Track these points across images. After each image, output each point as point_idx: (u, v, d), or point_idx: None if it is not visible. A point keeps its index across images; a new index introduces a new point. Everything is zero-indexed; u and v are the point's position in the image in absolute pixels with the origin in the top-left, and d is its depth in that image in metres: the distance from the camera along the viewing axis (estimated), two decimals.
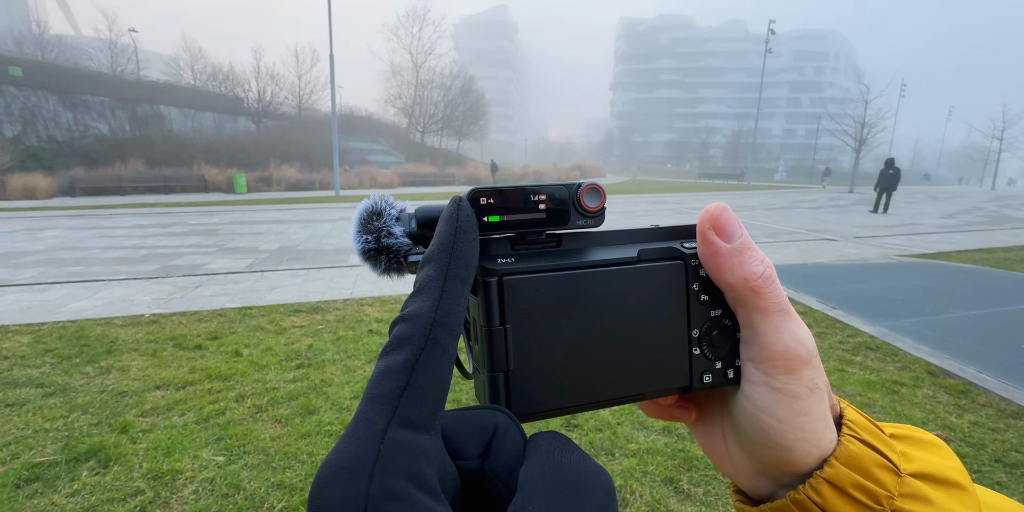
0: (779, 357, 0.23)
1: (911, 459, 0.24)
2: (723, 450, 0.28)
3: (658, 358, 0.25)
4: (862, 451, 0.23)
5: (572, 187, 0.25)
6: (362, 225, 0.27)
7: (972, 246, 8.11)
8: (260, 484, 1.96)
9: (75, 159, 21.35)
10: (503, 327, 0.22)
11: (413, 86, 44.25)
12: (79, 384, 2.80)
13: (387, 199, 0.27)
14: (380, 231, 0.26)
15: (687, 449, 2.21)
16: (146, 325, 3.79)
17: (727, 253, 0.24)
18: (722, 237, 0.24)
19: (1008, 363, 3.19)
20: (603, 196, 0.25)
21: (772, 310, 0.24)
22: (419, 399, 0.16)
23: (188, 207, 14.25)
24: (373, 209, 0.27)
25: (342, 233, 8.95)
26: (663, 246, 0.25)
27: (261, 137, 29.04)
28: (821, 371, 0.24)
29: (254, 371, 2.98)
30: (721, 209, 0.24)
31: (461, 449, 0.19)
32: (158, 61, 36.69)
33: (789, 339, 0.23)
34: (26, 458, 2.09)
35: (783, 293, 0.24)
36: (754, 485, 0.26)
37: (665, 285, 0.24)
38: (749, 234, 0.24)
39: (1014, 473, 2.08)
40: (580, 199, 0.24)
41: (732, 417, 0.26)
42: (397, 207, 0.27)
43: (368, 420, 0.16)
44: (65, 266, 5.99)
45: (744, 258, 0.23)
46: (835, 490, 0.22)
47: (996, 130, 47.80)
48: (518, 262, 0.23)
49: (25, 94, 21.76)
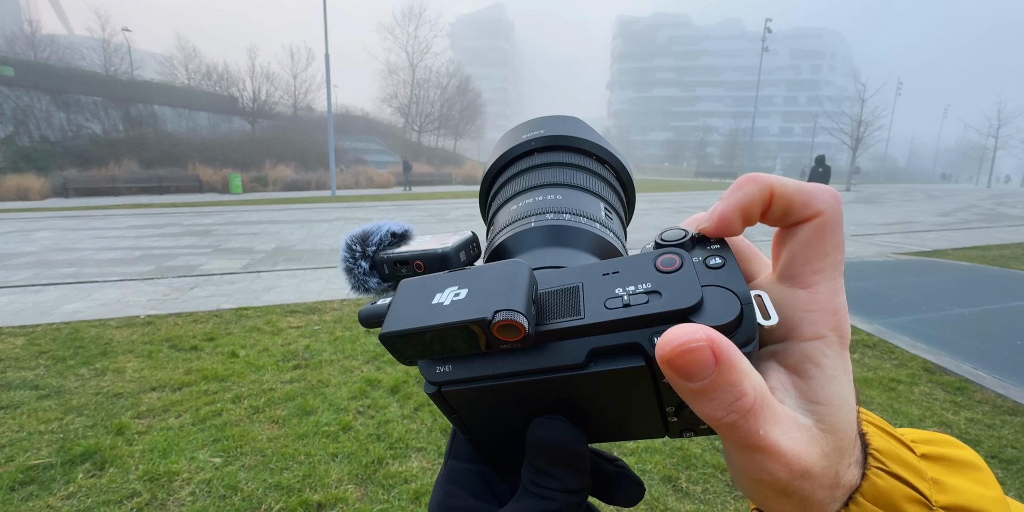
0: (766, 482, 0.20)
1: (944, 489, 0.22)
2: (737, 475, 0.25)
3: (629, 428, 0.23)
4: (891, 486, 0.21)
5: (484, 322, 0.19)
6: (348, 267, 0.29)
7: (968, 244, 8.15)
8: (257, 485, 1.95)
9: (68, 159, 21.21)
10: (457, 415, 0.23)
11: (409, 85, 44.14)
12: (74, 386, 2.78)
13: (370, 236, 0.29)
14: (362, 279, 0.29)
15: (685, 447, 2.21)
16: (141, 326, 3.77)
17: (690, 392, 0.18)
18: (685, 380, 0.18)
19: (1004, 360, 3.21)
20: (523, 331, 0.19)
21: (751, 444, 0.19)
22: None
23: (183, 208, 14.19)
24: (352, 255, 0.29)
25: (339, 233, 8.93)
26: (622, 343, 0.19)
27: (256, 137, 28.92)
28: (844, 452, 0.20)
29: (251, 372, 2.97)
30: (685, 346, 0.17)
31: None
32: (152, 61, 36.46)
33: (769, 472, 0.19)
34: (21, 461, 2.08)
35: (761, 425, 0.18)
36: None
37: (625, 387, 0.20)
38: None
39: (1010, 469, 2.09)
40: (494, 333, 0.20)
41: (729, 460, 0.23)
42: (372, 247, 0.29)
43: None
44: (59, 267, 5.95)
45: (707, 400, 0.18)
46: None
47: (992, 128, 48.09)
48: (456, 369, 0.21)
49: (17, 94, 21.61)
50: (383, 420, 2.42)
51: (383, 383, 2.81)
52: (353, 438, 2.27)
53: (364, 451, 2.17)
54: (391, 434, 2.30)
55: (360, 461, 2.10)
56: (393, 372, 2.95)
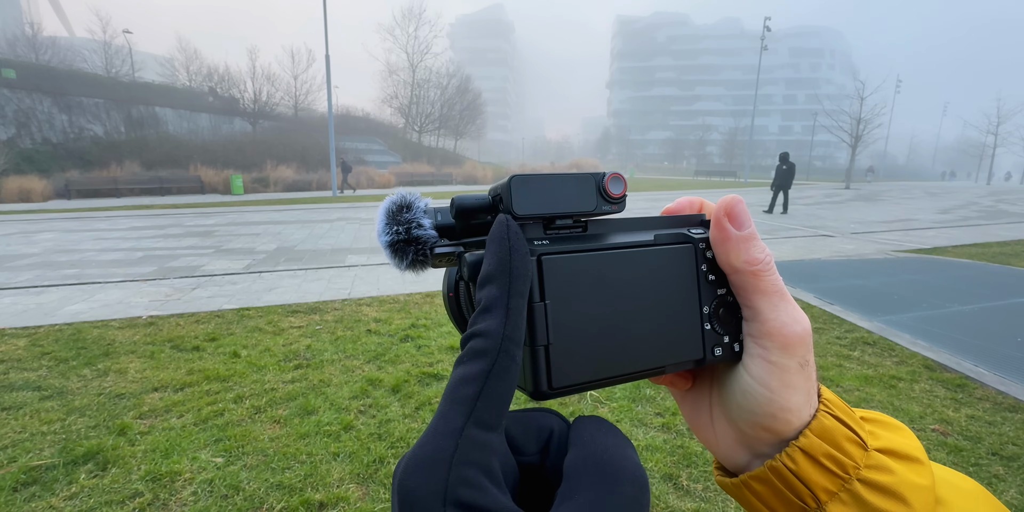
0: (776, 333, 0.26)
1: (877, 437, 0.27)
2: (707, 420, 0.30)
3: (675, 333, 0.27)
4: (834, 425, 0.26)
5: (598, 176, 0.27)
6: (391, 217, 0.27)
7: (968, 241, 8.13)
8: (259, 485, 1.96)
9: (70, 161, 21.26)
10: (543, 303, 0.23)
11: (409, 86, 44.16)
12: (76, 387, 2.79)
13: (414, 193, 0.28)
14: (410, 223, 0.27)
15: (686, 445, 2.21)
16: (143, 327, 3.78)
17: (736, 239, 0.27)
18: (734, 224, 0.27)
19: (1005, 357, 3.21)
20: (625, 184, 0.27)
21: (770, 291, 0.27)
22: (491, 403, 0.19)
23: (184, 209, 14.21)
24: (402, 202, 0.28)
25: (339, 233, 8.94)
26: (674, 232, 0.28)
27: (257, 138, 28.96)
28: (811, 350, 0.27)
29: (252, 372, 2.97)
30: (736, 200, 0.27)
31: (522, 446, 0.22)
32: (153, 62, 36.53)
33: (785, 317, 0.26)
34: (23, 461, 2.08)
35: (780, 279, 0.27)
36: (731, 454, 0.29)
37: (678, 266, 0.27)
38: None
39: (1011, 466, 2.09)
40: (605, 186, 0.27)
41: (724, 386, 0.29)
42: (424, 200, 0.28)
43: (449, 419, 0.18)
44: (61, 269, 5.96)
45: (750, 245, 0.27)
46: (808, 458, 0.25)
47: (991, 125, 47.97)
48: (552, 244, 0.25)
49: (19, 96, 21.65)
50: (384, 419, 2.43)
51: (384, 382, 2.82)
52: (355, 437, 2.28)
53: (366, 450, 2.18)
54: (392, 433, 2.30)
55: (362, 460, 2.11)
56: (394, 372, 2.96)
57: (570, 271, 0.24)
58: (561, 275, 0.24)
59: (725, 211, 0.27)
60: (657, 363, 0.26)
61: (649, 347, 0.26)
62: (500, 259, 0.22)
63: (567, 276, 0.24)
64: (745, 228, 0.27)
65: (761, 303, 0.27)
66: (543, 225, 0.26)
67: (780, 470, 0.25)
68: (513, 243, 0.22)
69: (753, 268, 0.26)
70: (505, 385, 0.19)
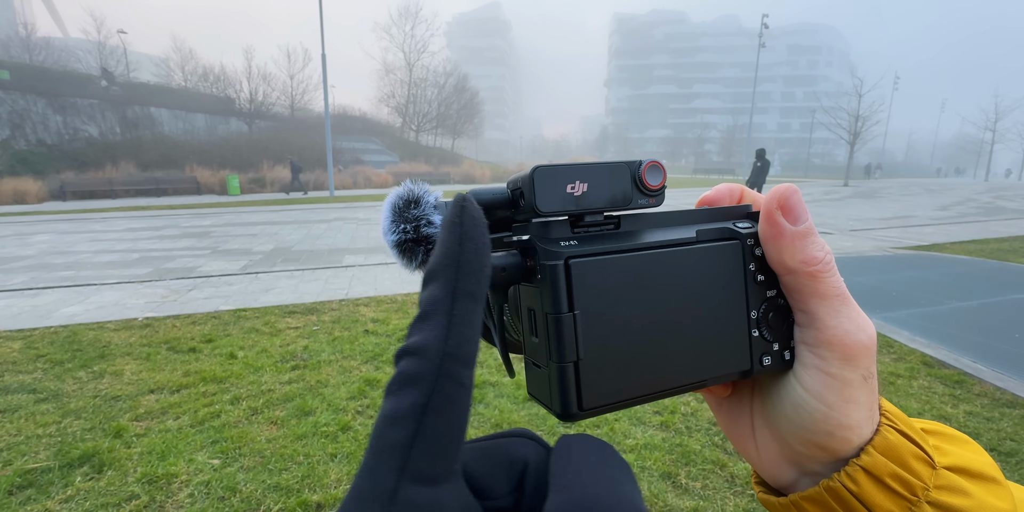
0: (837, 343, 0.23)
1: (945, 453, 0.24)
2: (747, 432, 0.27)
3: (720, 342, 0.24)
4: (900, 441, 0.23)
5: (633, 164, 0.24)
6: (397, 214, 0.24)
7: (966, 237, 8.15)
8: (256, 486, 1.95)
9: (65, 163, 21.16)
10: (572, 314, 0.21)
11: (406, 85, 44.04)
12: (72, 389, 2.77)
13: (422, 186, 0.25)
14: (419, 220, 0.24)
15: (684, 444, 2.20)
16: (139, 329, 3.76)
17: (790, 235, 0.23)
18: (788, 218, 0.24)
19: (1002, 353, 3.21)
20: (664, 173, 0.24)
21: (831, 295, 0.23)
22: (432, 447, 0.13)
23: (180, 209, 14.16)
24: (409, 196, 0.24)
25: (336, 233, 8.92)
26: (719, 227, 0.25)
27: (253, 138, 28.86)
28: (875, 361, 0.24)
29: (249, 373, 2.96)
30: (791, 191, 0.24)
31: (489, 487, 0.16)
32: (148, 62, 36.37)
33: (849, 325, 0.23)
34: (19, 464, 2.07)
35: (841, 280, 0.24)
36: (775, 470, 0.26)
37: (724, 266, 0.24)
38: None
39: (1009, 462, 2.09)
40: (642, 177, 0.24)
41: (771, 397, 0.26)
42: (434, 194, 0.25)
43: (374, 477, 0.13)
44: (56, 271, 5.94)
45: (807, 242, 0.23)
46: (871, 479, 0.22)
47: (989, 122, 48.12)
48: (581, 244, 0.22)
49: (13, 97, 21.55)
50: None
51: (382, 383, 2.81)
52: (352, 438, 2.27)
53: (363, 451, 2.16)
54: None
55: (359, 461, 2.09)
56: (392, 372, 2.95)
57: (603, 276, 0.22)
58: (593, 281, 0.21)
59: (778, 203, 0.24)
60: (699, 376, 0.24)
61: (690, 359, 0.23)
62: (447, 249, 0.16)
63: (599, 282, 0.21)
64: (801, 223, 0.24)
65: (820, 308, 0.23)
66: (570, 223, 0.23)
67: (839, 492, 0.22)
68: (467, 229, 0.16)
69: (811, 269, 0.23)
70: (450, 421, 0.14)
